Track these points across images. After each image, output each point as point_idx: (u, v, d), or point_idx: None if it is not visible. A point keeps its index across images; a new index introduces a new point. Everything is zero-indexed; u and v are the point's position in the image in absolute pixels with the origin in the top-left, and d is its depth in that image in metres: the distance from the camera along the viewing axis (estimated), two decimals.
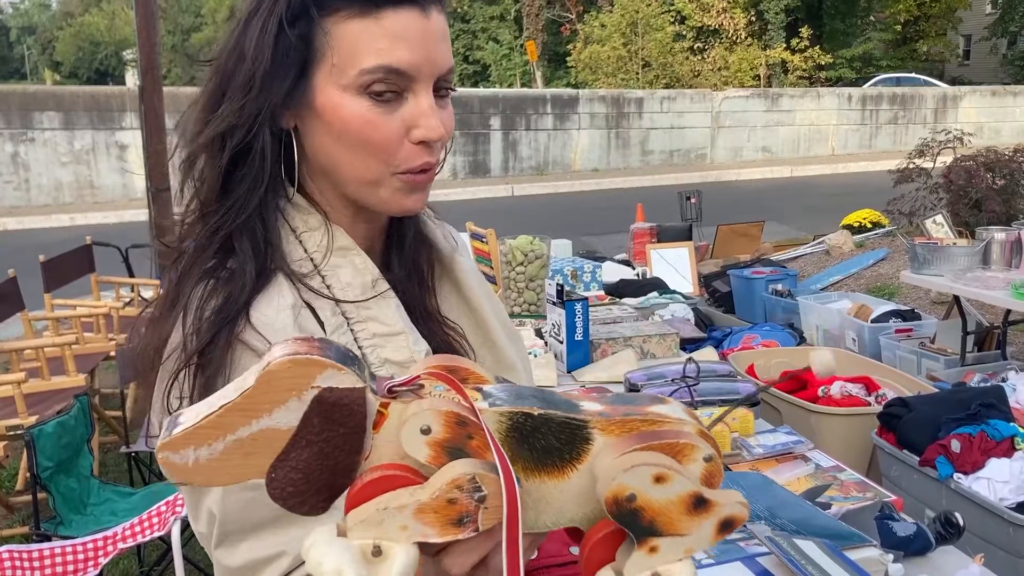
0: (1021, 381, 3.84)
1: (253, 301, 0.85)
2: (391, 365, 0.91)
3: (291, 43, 0.86)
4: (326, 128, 0.88)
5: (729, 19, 23.05)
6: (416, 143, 0.88)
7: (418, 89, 0.88)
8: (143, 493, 3.14)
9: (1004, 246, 4.18)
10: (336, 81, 0.86)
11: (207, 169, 0.89)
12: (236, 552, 0.82)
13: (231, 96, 0.87)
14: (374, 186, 0.90)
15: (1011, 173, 6.97)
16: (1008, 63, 27.39)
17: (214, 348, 0.82)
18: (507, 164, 15.91)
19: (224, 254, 0.88)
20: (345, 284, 0.91)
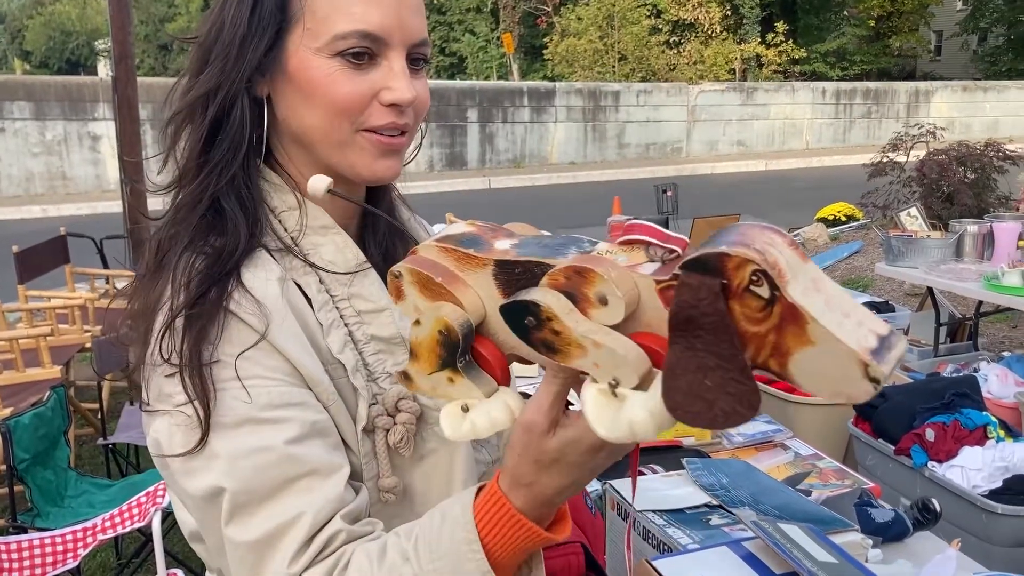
0: (992, 371, 3.90)
1: (242, 266, 0.86)
2: (377, 341, 0.92)
3: (268, 8, 0.87)
4: (296, 90, 0.89)
5: (704, 13, 23.13)
6: (386, 105, 0.89)
7: (391, 55, 0.89)
8: (121, 485, 3.12)
9: (976, 238, 4.24)
10: (309, 44, 0.88)
11: (189, 134, 0.91)
12: (252, 523, 0.80)
13: (212, 62, 0.89)
14: (342, 147, 0.90)
15: (982, 167, 7.07)
16: (978, 59, 27.70)
17: (204, 301, 0.83)
18: (484, 156, 15.90)
19: (208, 223, 0.88)
20: (327, 262, 0.92)
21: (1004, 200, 6.88)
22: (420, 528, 0.78)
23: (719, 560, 1.11)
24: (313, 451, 0.82)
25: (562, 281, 0.62)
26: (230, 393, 0.81)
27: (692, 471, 1.48)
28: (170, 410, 0.82)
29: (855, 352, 0.51)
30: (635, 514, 1.32)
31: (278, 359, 0.84)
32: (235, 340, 0.83)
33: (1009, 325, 5.78)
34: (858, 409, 3.17)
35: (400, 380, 0.75)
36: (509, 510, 0.73)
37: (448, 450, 0.93)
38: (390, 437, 0.89)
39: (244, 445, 0.80)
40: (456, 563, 0.74)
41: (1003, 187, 7.03)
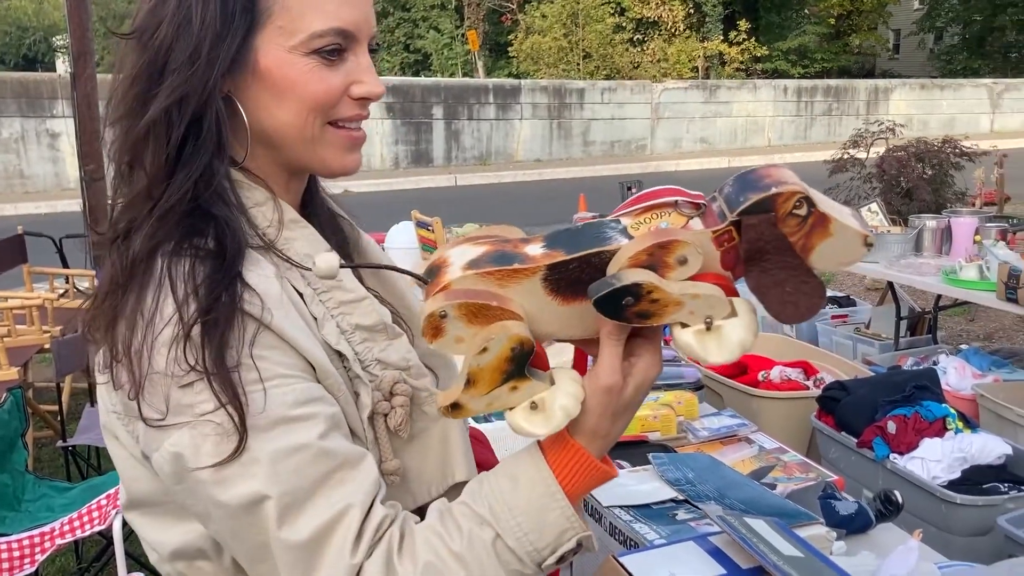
0: (951, 364, 3.96)
1: (241, 264, 0.84)
2: (361, 330, 0.92)
3: (237, 6, 0.85)
4: (267, 89, 0.88)
5: (668, 11, 23.25)
6: (356, 99, 0.91)
7: (358, 49, 0.90)
8: (81, 488, 3.06)
9: (935, 234, 4.31)
10: (282, 43, 0.86)
11: (153, 145, 0.86)
12: (301, 523, 0.79)
13: (177, 67, 0.85)
14: (313, 142, 0.90)
15: (940, 163, 7.17)
16: (935, 57, 28.15)
17: (218, 307, 0.80)
18: (450, 154, 15.85)
19: (188, 228, 0.85)
20: (303, 256, 0.91)
21: (961, 196, 7.00)
22: (489, 493, 0.81)
23: (686, 555, 1.11)
24: (340, 443, 0.83)
25: (644, 258, 0.72)
26: (259, 395, 0.80)
27: (658, 466, 1.49)
28: (192, 421, 0.79)
29: (860, 232, 0.72)
30: (604, 511, 1.32)
31: (293, 356, 0.84)
32: (255, 342, 0.81)
33: (967, 318, 5.89)
34: (821, 403, 3.21)
35: (447, 413, 0.78)
36: (589, 460, 0.80)
37: (439, 426, 0.95)
38: (390, 421, 0.91)
39: (282, 446, 0.79)
40: (540, 515, 0.79)
41: (960, 183, 7.15)
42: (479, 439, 1.36)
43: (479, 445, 1.25)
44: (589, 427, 0.80)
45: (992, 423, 3.43)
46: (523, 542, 0.79)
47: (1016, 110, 20.57)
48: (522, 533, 0.79)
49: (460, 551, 0.79)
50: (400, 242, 3.42)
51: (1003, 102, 20.53)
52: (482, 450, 1.08)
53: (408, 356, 0.95)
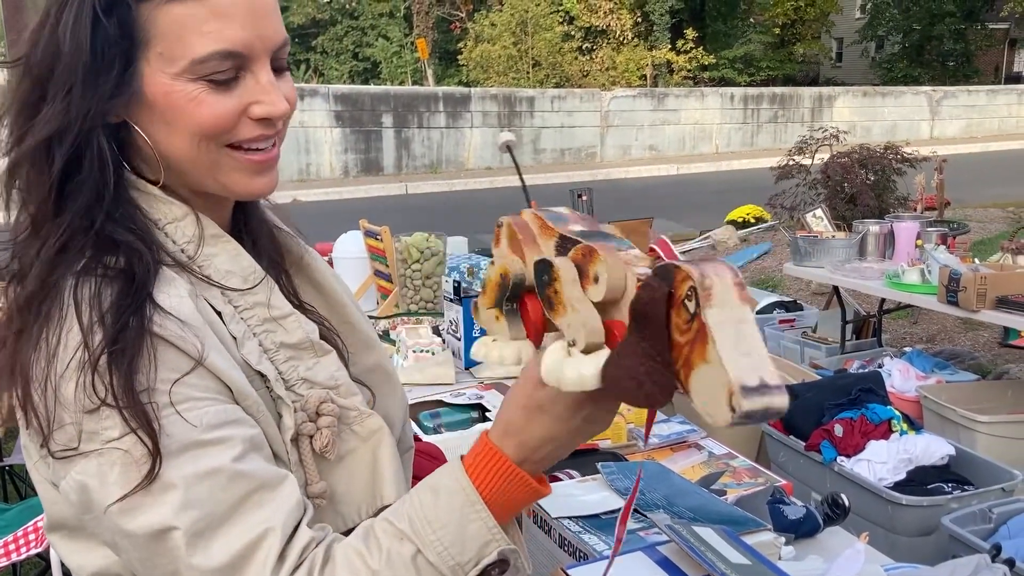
0: (895, 366, 4.04)
1: (151, 289, 0.81)
2: (286, 348, 0.89)
3: (110, 33, 0.80)
4: (158, 117, 0.84)
5: (616, 20, 23.45)
6: (257, 119, 0.86)
7: (255, 67, 0.85)
8: (19, 508, 2.96)
9: (878, 238, 4.39)
10: (165, 69, 0.82)
11: (34, 180, 0.82)
12: (215, 548, 0.76)
13: (52, 97, 0.81)
14: (212, 170, 0.87)
15: (882, 169, 7.33)
16: (877, 66, 28.79)
17: (125, 335, 0.77)
18: (400, 162, 15.78)
19: (95, 249, 0.82)
20: (224, 272, 0.88)
21: (903, 201, 7.15)
22: (410, 507, 0.79)
23: (635, 566, 1.10)
24: (257, 465, 0.80)
25: (579, 256, 0.73)
26: (169, 420, 0.77)
27: (607, 475, 1.48)
28: (98, 448, 0.76)
29: (728, 380, 0.59)
30: (552, 522, 1.31)
31: (207, 377, 0.80)
32: (168, 365, 0.78)
33: (910, 321, 6.01)
34: None
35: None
36: (502, 459, 0.78)
37: (369, 447, 0.92)
38: (315, 442, 0.88)
39: (193, 470, 0.76)
40: (460, 527, 0.77)
41: (902, 188, 7.30)
42: (432, 455, 1.34)
43: (432, 461, 1.23)
44: (503, 417, 0.79)
45: (935, 424, 3.50)
46: (444, 556, 0.76)
47: (954, 116, 21.12)
48: (443, 547, 0.76)
49: (379, 568, 0.76)
50: (348, 251, 3.38)
51: (942, 109, 21.07)
52: (435, 466, 1.05)
53: (337, 374, 0.93)
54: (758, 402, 0.59)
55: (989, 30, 27.70)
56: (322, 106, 14.63)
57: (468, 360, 2.57)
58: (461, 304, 2.55)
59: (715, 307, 0.62)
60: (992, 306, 3.44)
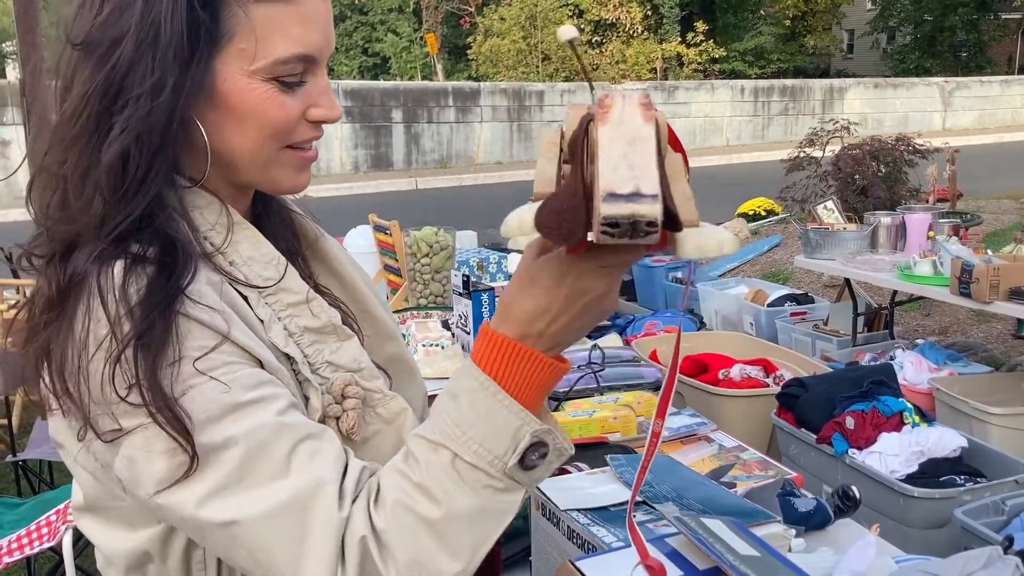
0: (907, 359, 4.02)
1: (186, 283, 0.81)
2: (310, 332, 0.90)
3: (203, 26, 0.80)
4: (223, 112, 0.84)
5: (626, 13, 23.40)
6: (312, 121, 0.89)
7: (317, 70, 0.88)
8: (32, 503, 2.99)
9: (890, 230, 4.37)
10: (243, 66, 0.83)
11: (114, 172, 0.80)
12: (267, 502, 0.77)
13: (140, 94, 0.79)
14: (268, 166, 0.89)
15: (894, 161, 7.29)
16: (888, 57, 28.65)
17: (153, 330, 0.77)
18: (410, 157, 15.79)
19: (121, 237, 0.81)
20: (247, 259, 0.89)
21: (915, 192, 7.11)
22: (437, 417, 0.78)
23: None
24: (300, 418, 0.82)
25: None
26: (204, 387, 0.77)
27: (616, 468, 1.47)
28: (143, 422, 0.77)
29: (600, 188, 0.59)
30: (561, 514, 1.30)
31: (234, 348, 0.81)
32: (195, 338, 0.79)
33: (922, 313, 5.98)
34: (780, 400, 3.23)
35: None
36: (505, 341, 0.76)
37: (393, 428, 0.93)
38: (342, 424, 0.89)
39: (237, 430, 0.77)
40: (489, 422, 0.76)
41: (913, 180, 7.26)
42: None
43: None
44: (500, 303, 0.78)
45: (948, 416, 3.49)
46: (481, 453, 0.76)
47: (967, 108, 21.00)
48: (477, 445, 0.76)
49: (421, 481, 0.77)
50: (358, 246, 3.39)
51: (954, 100, 20.94)
52: None
53: (359, 358, 0.93)
54: (624, 208, 0.57)
55: (1002, 20, 27.49)
56: None
57: None
58: (470, 298, 2.55)
59: (609, 124, 0.61)
60: (1005, 297, 3.42)
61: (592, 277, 0.74)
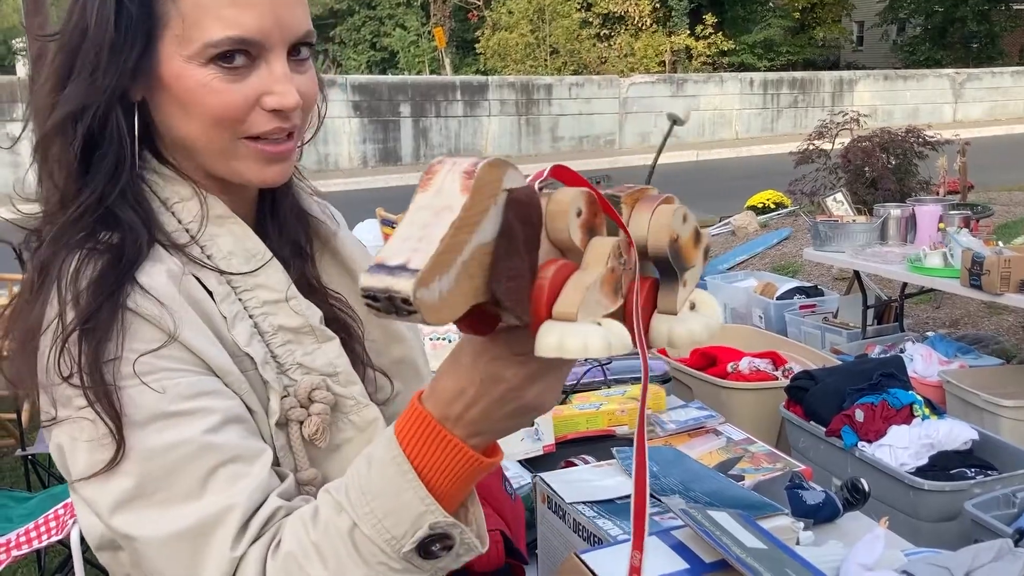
0: (917, 351, 4.00)
1: (136, 269, 0.82)
2: (285, 331, 0.89)
3: (132, 13, 0.81)
4: (172, 99, 0.84)
5: (634, 6, 23.30)
6: (269, 111, 0.85)
7: (270, 56, 0.85)
8: (41, 497, 3.00)
9: (900, 222, 4.34)
10: (181, 52, 0.82)
11: (60, 153, 0.84)
12: (179, 515, 0.76)
13: (78, 74, 0.82)
14: (225, 156, 0.87)
15: (904, 153, 7.23)
16: (898, 49, 28.46)
17: (99, 315, 0.78)
18: (418, 151, 15.79)
19: (93, 228, 0.83)
20: (227, 253, 0.88)
21: (925, 184, 7.06)
22: (349, 478, 0.75)
23: (649, 550, 1.09)
24: (232, 438, 0.80)
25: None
26: (136, 390, 0.77)
27: (622, 460, 1.47)
28: (71, 415, 0.78)
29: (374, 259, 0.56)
30: (567, 507, 1.30)
31: (184, 351, 0.80)
32: (139, 338, 0.79)
33: (932, 306, 5.94)
34: (790, 392, 3.21)
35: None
36: (426, 418, 0.70)
37: (364, 437, 0.91)
38: (305, 429, 0.87)
39: (159, 441, 0.77)
40: (395, 499, 0.71)
41: (924, 172, 7.21)
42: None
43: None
44: (437, 371, 0.73)
45: (958, 409, 3.47)
46: (379, 529, 0.71)
47: (977, 99, 20.86)
48: (376, 520, 0.71)
49: (317, 541, 0.74)
50: (365, 240, 3.38)
51: (965, 91, 20.80)
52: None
53: (336, 362, 0.91)
54: (380, 280, 0.54)
55: (1014, 11, 27.27)
56: (340, 96, 14.64)
57: None
58: None
59: (428, 192, 0.58)
60: (1016, 289, 3.39)
61: (505, 364, 0.66)
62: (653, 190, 0.71)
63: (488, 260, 0.58)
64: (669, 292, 0.70)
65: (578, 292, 0.60)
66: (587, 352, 0.59)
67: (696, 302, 0.73)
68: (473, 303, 0.58)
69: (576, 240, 0.62)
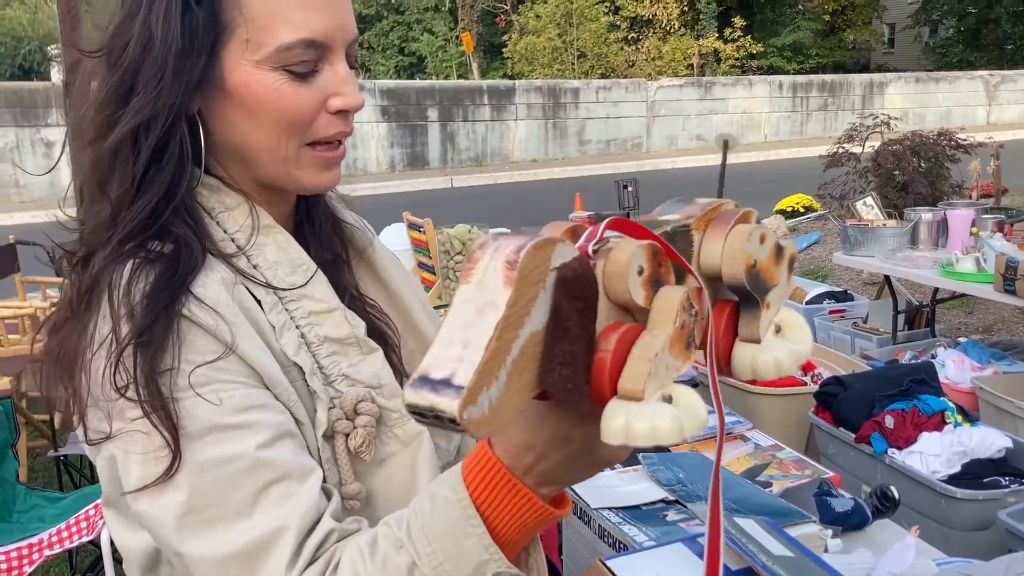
0: (949, 357, 3.94)
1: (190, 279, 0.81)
2: (331, 342, 0.88)
3: (199, 20, 0.80)
4: (238, 107, 0.83)
5: (662, 9, 23.24)
6: (334, 113, 0.86)
7: (334, 59, 0.85)
8: (73, 497, 3.03)
9: (931, 226, 4.28)
10: (249, 57, 0.82)
11: (120, 169, 0.83)
12: (230, 534, 0.75)
13: (143, 88, 0.81)
14: (289, 163, 0.86)
15: (935, 156, 7.15)
16: (930, 51, 28.15)
17: (153, 328, 0.77)
18: (446, 156, 15.84)
19: (143, 239, 0.82)
20: (272, 263, 0.87)
21: (957, 188, 6.97)
22: (410, 513, 0.73)
23: (674, 557, 1.08)
24: (284, 454, 0.79)
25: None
26: (191, 401, 0.76)
27: (648, 466, 1.46)
28: (124, 427, 0.77)
29: (418, 368, 0.52)
30: (592, 512, 1.29)
31: (238, 363, 0.80)
32: (196, 348, 0.78)
33: (965, 311, 5.86)
34: (818, 398, 3.18)
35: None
36: (496, 465, 0.68)
37: (409, 451, 0.89)
38: (351, 442, 0.85)
39: (213, 454, 0.76)
40: (456, 543, 0.69)
41: (956, 175, 7.12)
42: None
43: None
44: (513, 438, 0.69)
45: (992, 416, 3.41)
46: (439, 572, 0.69)
47: (1012, 101, 20.56)
48: (437, 561, 0.69)
49: (374, 573, 0.72)
50: (392, 244, 3.40)
51: (999, 94, 20.52)
52: None
53: (381, 374, 0.90)
54: (424, 397, 0.51)
55: None
56: (368, 101, 14.73)
57: None
58: None
59: (471, 284, 0.53)
60: None
61: (573, 426, 0.64)
62: (728, 204, 0.66)
63: (539, 349, 0.54)
64: (751, 318, 0.65)
65: (645, 363, 0.55)
66: (656, 440, 0.54)
67: (782, 324, 0.68)
68: (527, 400, 0.54)
69: (639, 300, 0.57)
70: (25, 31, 38.13)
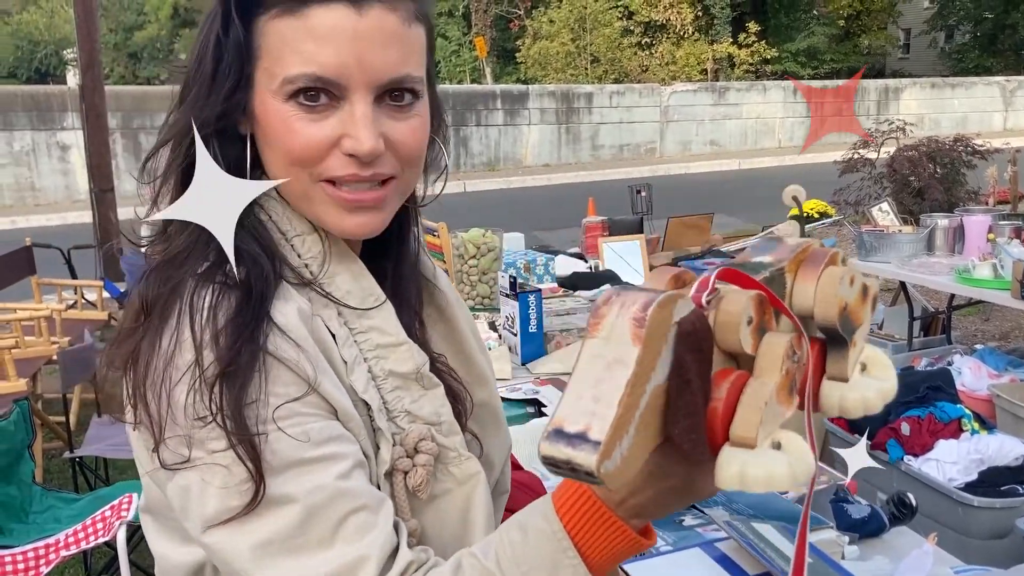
0: (966, 364, 3.91)
1: (269, 305, 0.80)
2: (395, 377, 0.87)
3: (228, 45, 0.81)
4: (262, 134, 0.84)
5: (676, 14, 23.24)
6: (346, 155, 0.82)
7: (353, 98, 0.80)
8: (88, 499, 3.05)
9: (947, 232, 4.26)
10: (267, 86, 0.82)
11: (173, 171, 0.85)
12: (311, 564, 0.75)
13: (192, 99, 0.83)
14: (304, 199, 0.85)
15: (951, 162, 7.13)
16: (946, 56, 28.02)
17: (239, 359, 0.76)
18: (459, 160, 15.87)
19: (218, 258, 0.81)
20: (345, 292, 0.86)
21: (973, 194, 6.94)
22: (499, 545, 0.73)
23: (692, 562, 1.08)
24: (360, 484, 0.79)
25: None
26: (274, 436, 0.76)
27: None
28: (204, 458, 0.76)
29: (553, 419, 0.54)
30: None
31: (316, 396, 0.79)
32: (280, 382, 0.77)
33: (981, 318, 5.82)
34: None
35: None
36: (591, 498, 0.69)
37: (464, 490, 0.89)
38: (410, 480, 0.85)
39: (295, 488, 0.75)
40: (550, 571, 0.70)
41: (972, 181, 7.09)
42: (530, 486, 1.29)
43: (528, 494, 1.17)
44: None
45: (1009, 424, 3.38)
46: None
47: None
48: None
49: None
50: None
51: (1016, 99, 20.41)
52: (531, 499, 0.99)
53: (441, 411, 0.90)
54: (560, 451, 0.53)
55: None
56: None
57: (524, 355, 2.56)
58: (517, 299, 2.54)
59: (598, 338, 0.55)
60: None
61: (675, 461, 0.64)
62: (815, 244, 0.69)
63: (662, 401, 0.56)
64: (839, 357, 0.67)
65: (756, 412, 0.57)
66: (771, 487, 0.56)
67: (867, 361, 0.70)
68: (652, 450, 0.57)
69: (748, 349, 0.60)
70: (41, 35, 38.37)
